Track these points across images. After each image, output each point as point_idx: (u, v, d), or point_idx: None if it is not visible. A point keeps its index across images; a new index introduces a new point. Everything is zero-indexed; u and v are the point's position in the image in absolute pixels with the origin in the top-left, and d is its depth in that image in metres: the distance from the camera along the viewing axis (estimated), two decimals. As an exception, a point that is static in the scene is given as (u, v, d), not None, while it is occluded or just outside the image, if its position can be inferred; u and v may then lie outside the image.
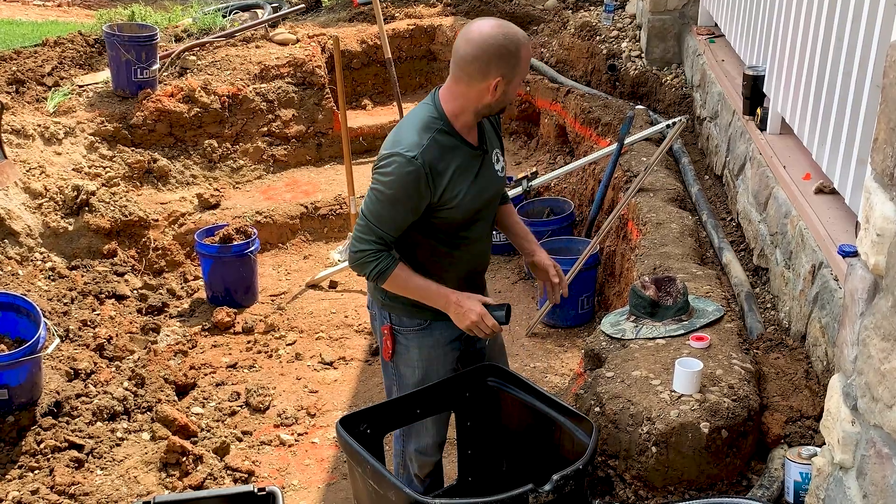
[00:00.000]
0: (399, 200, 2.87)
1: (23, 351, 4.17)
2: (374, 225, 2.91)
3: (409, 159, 2.82)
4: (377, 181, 2.91)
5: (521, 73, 2.87)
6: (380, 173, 2.89)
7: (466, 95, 2.90)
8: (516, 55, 2.83)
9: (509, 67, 2.83)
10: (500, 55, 2.81)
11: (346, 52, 8.18)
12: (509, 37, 2.82)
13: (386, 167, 2.87)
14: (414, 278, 2.98)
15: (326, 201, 6.93)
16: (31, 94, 6.69)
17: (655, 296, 3.76)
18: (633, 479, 3.15)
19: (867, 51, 3.38)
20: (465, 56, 2.83)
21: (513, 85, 2.88)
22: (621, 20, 7.98)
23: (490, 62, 2.81)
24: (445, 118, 2.92)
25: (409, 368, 3.25)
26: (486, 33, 2.81)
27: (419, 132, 2.88)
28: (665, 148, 5.39)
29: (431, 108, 2.94)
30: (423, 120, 2.92)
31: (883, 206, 1.93)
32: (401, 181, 2.84)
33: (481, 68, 2.82)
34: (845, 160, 3.56)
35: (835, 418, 2.21)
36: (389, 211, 2.89)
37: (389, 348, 3.23)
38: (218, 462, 4.31)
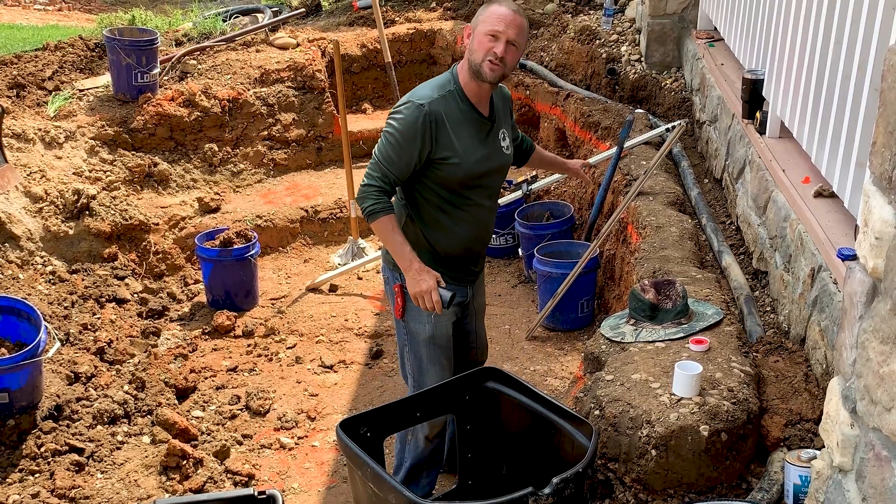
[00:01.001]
0: (404, 142, 3.23)
1: (23, 355, 4.18)
2: (382, 163, 3.27)
3: (417, 105, 3.22)
4: (388, 125, 3.27)
5: (483, 22, 3.23)
6: (391, 117, 3.28)
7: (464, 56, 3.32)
8: (484, 9, 3.26)
9: (476, 17, 3.29)
10: (479, 12, 3.31)
11: (346, 57, 8.19)
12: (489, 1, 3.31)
13: (396, 112, 3.27)
14: (395, 234, 3.30)
15: (327, 205, 6.94)
16: (32, 99, 6.70)
17: (655, 299, 3.76)
18: (633, 483, 3.15)
19: (866, 54, 3.38)
20: None
21: (476, 34, 3.24)
22: (621, 24, 7.99)
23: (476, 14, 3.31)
24: (459, 84, 3.32)
25: (419, 324, 3.47)
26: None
27: (433, 88, 3.30)
28: (664, 152, 5.39)
29: (448, 76, 3.36)
30: (440, 81, 3.34)
31: (881, 210, 1.93)
32: (407, 124, 3.21)
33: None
34: (844, 163, 3.56)
35: (834, 421, 2.22)
36: (395, 151, 3.24)
37: (400, 306, 3.48)
38: (218, 465, 4.31)
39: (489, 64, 3.22)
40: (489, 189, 3.49)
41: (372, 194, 3.28)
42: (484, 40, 3.22)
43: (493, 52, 3.20)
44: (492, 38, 3.21)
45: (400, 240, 3.30)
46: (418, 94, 3.29)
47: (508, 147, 3.52)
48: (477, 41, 3.24)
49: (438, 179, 3.33)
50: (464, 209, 3.42)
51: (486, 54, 3.21)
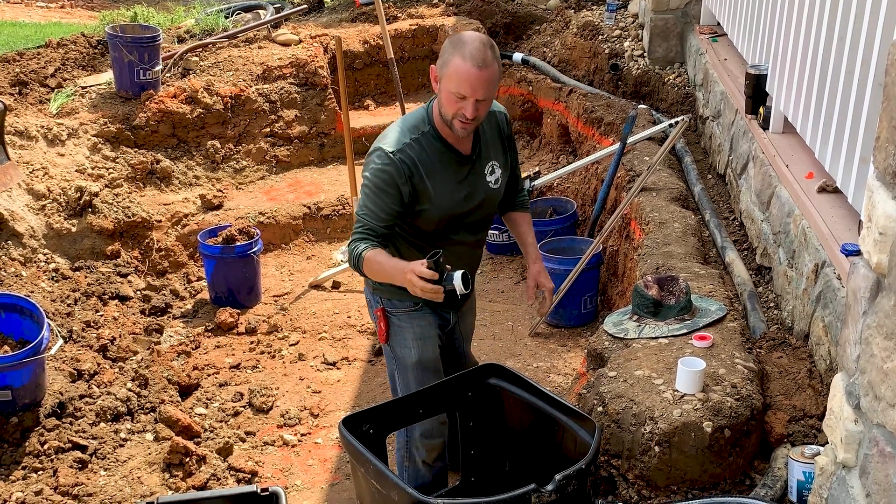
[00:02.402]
0: (379, 192, 3.07)
1: (26, 352, 4.18)
2: (362, 216, 3.11)
3: (387, 154, 3.05)
4: (363, 176, 3.13)
5: (448, 79, 2.95)
6: (364, 168, 3.13)
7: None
8: (448, 56, 2.97)
9: (441, 63, 3.01)
10: (443, 49, 3.04)
11: (348, 53, 8.18)
12: (455, 41, 2.98)
13: (368, 161, 3.12)
14: (380, 257, 3.04)
15: (329, 202, 6.94)
16: (34, 96, 6.70)
17: (658, 295, 3.76)
18: (636, 479, 3.14)
19: (869, 49, 3.37)
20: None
21: (442, 88, 2.99)
22: (624, 19, 7.98)
23: (440, 55, 3.04)
24: (433, 125, 3.13)
25: (405, 349, 3.37)
26: (453, 35, 3.08)
27: (405, 131, 3.11)
28: (668, 147, 5.38)
29: (422, 114, 3.16)
30: (413, 121, 3.15)
31: (885, 205, 1.92)
32: (379, 173, 3.06)
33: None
34: (848, 159, 3.55)
35: (838, 417, 2.21)
36: (372, 202, 3.08)
37: (384, 330, 3.39)
38: (221, 462, 4.31)
39: (459, 123, 3.02)
40: (473, 226, 3.32)
41: (352, 247, 3.10)
42: (451, 99, 2.98)
43: (463, 114, 2.98)
44: (459, 98, 2.96)
45: (389, 263, 3.04)
46: (389, 139, 3.09)
47: (497, 181, 3.29)
48: (444, 96, 3.00)
49: (415, 221, 3.19)
50: (444, 247, 3.15)
51: (454, 113, 3.00)
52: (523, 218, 3.60)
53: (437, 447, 3.48)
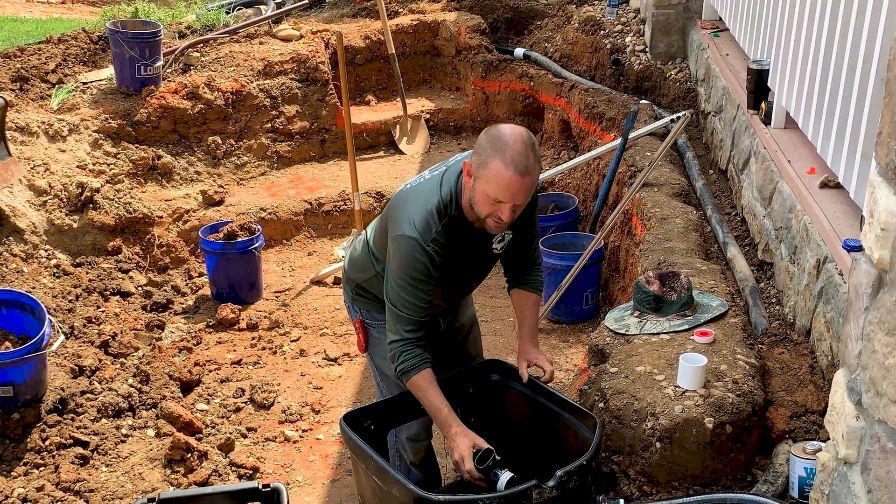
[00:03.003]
0: (416, 283, 2.91)
1: (27, 348, 4.18)
2: (401, 311, 2.96)
3: (421, 245, 2.86)
4: (393, 266, 2.94)
5: (487, 181, 2.74)
6: (395, 257, 2.93)
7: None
8: (487, 158, 2.74)
9: (478, 163, 2.78)
10: (480, 144, 2.80)
11: (349, 48, 8.17)
12: (496, 141, 2.75)
13: (399, 249, 2.91)
14: (429, 393, 2.97)
15: (330, 197, 6.93)
16: (35, 92, 6.70)
17: (660, 291, 3.75)
18: (638, 475, 3.14)
19: (872, 45, 3.36)
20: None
21: (478, 189, 2.78)
22: (625, 14, 7.96)
23: (475, 149, 2.82)
24: (461, 208, 2.93)
25: (383, 360, 3.30)
26: (492, 129, 2.83)
27: (433, 216, 2.89)
28: (669, 142, 5.37)
29: (448, 193, 2.92)
30: (437, 203, 2.91)
31: (887, 201, 1.92)
32: (415, 266, 2.88)
33: (473, 151, 2.85)
34: (850, 154, 3.54)
35: (839, 413, 2.21)
36: (411, 294, 2.93)
37: (363, 341, 3.34)
38: (223, 458, 4.32)
39: (493, 223, 2.85)
40: (469, 286, 3.29)
41: (403, 350, 2.97)
42: (486, 201, 2.79)
43: (498, 217, 2.81)
44: (495, 202, 2.78)
45: (436, 402, 2.96)
46: (418, 225, 2.87)
47: (503, 247, 3.13)
48: (478, 196, 2.80)
49: None
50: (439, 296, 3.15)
51: (489, 214, 2.82)
52: (530, 299, 3.30)
53: (422, 449, 3.46)
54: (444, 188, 2.93)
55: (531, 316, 3.28)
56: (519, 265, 3.28)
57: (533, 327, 3.26)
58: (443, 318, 3.36)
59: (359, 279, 3.29)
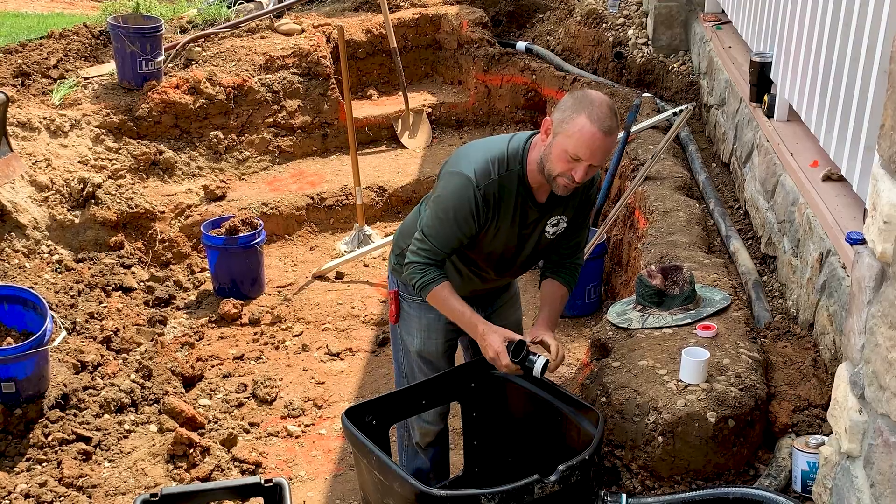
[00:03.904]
0: (455, 221, 2.93)
1: (30, 344, 4.18)
2: (430, 240, 2.98)
3: (473, 184, 2.87)
4: (439, 199, 2.95)
5: (569, 136, 2.75)
6: (441, 187, 2.95)
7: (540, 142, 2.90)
8: (573, 113, 2.76)
9: (562, 118, 2.79)
10: (564, 102, 2.83)
11: (350, 42, 8.16)
12: (583, 98, 2.78)
13: (449, 182, 2.93)
14: (452, 300, 3.01)
15: (332, 192, 6.93)
16: (37, 87, 6.69)
17: (662, 285, 3.74)
18: (640, 469, 3.14)
19: (875, 37, 3.35)
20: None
21: (557, 144, 2.78)
22: (627, 7, 7.94)
23: (558, 107, 2.84)
24: (525, 166, 2.93)
25: (409, 336, 3.36)
26: (577, 91, 2.87)
27: (494, 163, 2.90)
28: (672, 136, 5.36)
29: (517, 148, 2.94)
30: (504, 153, 2.93)
31: (890, 194, 1.91)
32: (460, 203, 2.89)
33: (556, 109, 2.86)
34: (853, 147, 3.53)
35: (842, 407, 2.20)
36: (446, 227, 2.95)
37: (395, 312, 3.37)
38: (225, 454, 4.32)
39: (564, 182, 2.83)
40: (505, 268, 3.20)
41: (419, 269, 3.00)
42: (564, 157, 2.77)
43: (571, 176, 2.80)
44: (573, 160, 2.77)
45: (458, 307, 3.00)
46: (477, 165, 2.88)
47: (556, 233, 3.11)
48: (555, 154, 2.79)
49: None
50: (474, 273, 3.18)
51: (562, 172, 2.81)
52: (561, 290, 3.27)
53: (430, 433, 3.48)
54: (512, 144, 2.95)
55: (555, 306, 3.27)
56: (561, 257, 3.27)
57: (554, 314, 3.27)
58: (479, 307, 3.21)
59: (403, 246, 3.23)
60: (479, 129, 8.13)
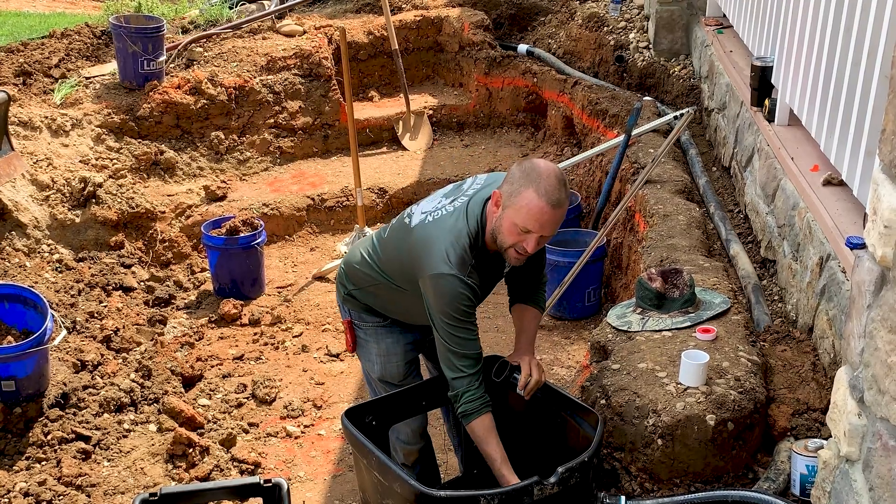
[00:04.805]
0: (468, 318, 2.92)
1: (30, 342, 4.19)
2: (455, 348, 2.93)
3: (463, 281, 2.85)
4: (436, 306, 2.91)
5: (517, 210, 2.77)
6: (437, 296, 2.90)
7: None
8: (520, 187, 2.78)
9: (510, 192, 2.80)
10: (512, 174, 2.83)
11: (352, 44, 8.17)
12: (530, 172, 2.79)
13: (441, 292, 2.88)
14: (489, 442, 2.95)
15: (333, 193, 6.93)
16: (38, 86, 6.70)
17: (662, 288, 3.75)
18: (639, 472, 3.14)
19: (876, 41, 3.35)
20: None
21: (506, 217, 2.81)
22: (629, 11, 7.95)
23: (507, 178, 2.85)
24: (483, 240, 2.94)
25: (368, 363, 3.35)
26: (525, 162, 2.86)
27: (465, 251, 2.88)
28: (672, 139, 5.37)
29: (475, 225, 2.92)
30: (465, 237, 2.90)
31: (891, 198, 1.91)
32: (464, 302, 2.88)
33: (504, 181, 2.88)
34: (853, 151, 3.53)
35: (841, 411, 2.20)
36: (467, 330, 2.93)
37: (350, 341, 3.34)
38: (224, 454, 4.32)
39: (515, 254, 2.87)
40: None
41: (466, 391, 2.95)
42: (513, 230, 2.81)
43: (523, 247, 2.84)
44: (523, 232, 2.80)
45: (493, 452, 2.95)
46: (453, 261, 2.86)
47: (508, 268, 3.16)
48: (506, 227, 2.82)
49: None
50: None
51: (513, 244, 2.84)
52: (532, 312, 3.30)
53: (413, 452, 3.46)
54: (471, 220, 2.93)
55: (531, 328, 3.28)
56: (526, 285, 3.29)
57: (532, 338, 3.26)
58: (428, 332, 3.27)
59: (353, 286, 3.26)
60: (479, 131, 8.14)
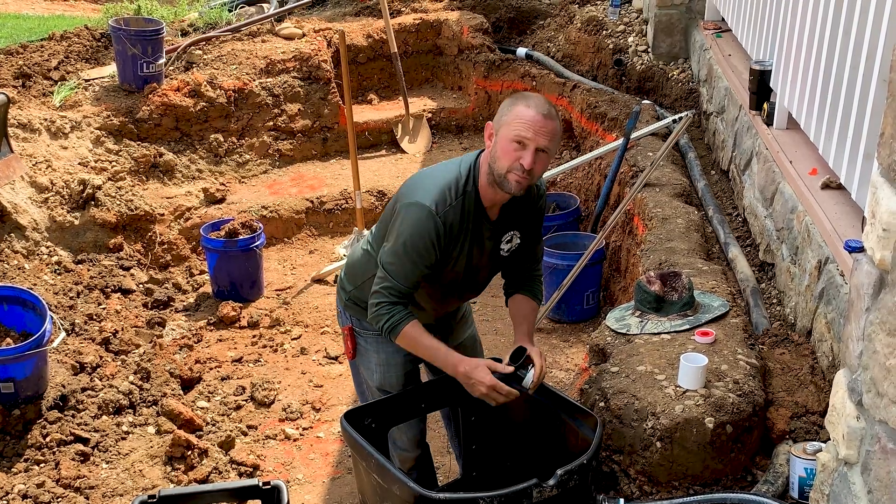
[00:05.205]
0: (417, 253, 2.85)
1: (28, 344, 4.19)
2: (392, 278, 2.89)
3: (432, 213, 2.81)
4: (397, 230, 2.88)
5: (508, 125, 2.79)
6: (402, 224, 2.86)
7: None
8: (509, 107, 2.83)
9: (500, 116, 2.85)
10: (502, 106, 2.88)
11: (351, 47, 8.17)
12: (517, 96, 2.87)
13: (407, 216, 2.85)
14: (423, 338, 2.92)
15: (332, 196, 6.93)
16: (38, 89, 6.70)
17: (661, 291, 3.75)
18: (638, 474, 3.14)
19: (874, 45, 3.36)
20: None
21: (500, 138, 2.81)
22: (628, 15, 7.96)
23: (497, 112, 2.88)
24: (476, 186, 2.90)
25: (368, 371, 3.29)
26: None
27: (448, 189, 2.86)
28: (671, 143, 5.37)
29: (467, 169, 2.92)
30: (455, 177, 2.90)
31: (889, 201, 1.92)
32: (421, 235, 2.82)
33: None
34: (852, 155, 3.54)
35: (840, 414, 2.21)
36: (409, 262, 2.86)
37: (351, 348, 3.28)
38: (223, 456, 4.32)
39: (515, 176, 2.79)
40: (468, 284, 3.11)
41: (384, 310, 2.90)
42: (509, 148, 2.77)
43: (520, 164, 2.76)
44: (518, 147, 2.76)
45: (432, 345, 2.92)
46: (431, 194, 2.84)
47: (510, 251, 3.08)
48: (501, 148, 2.79)
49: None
50: (438, 303, 3.12)
51: (511, 165, 2.77)
52: (530, 304, 3.21)
53: (409, 460, 3.42)
54: (463, 166, 2.93)
55: (530, 321, 3.20)
56: (521, 273, 3.23)
57: (531, 329, 3.20)
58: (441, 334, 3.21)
59: (353, 286, 3.21)
60: (479, 134, 8.15)
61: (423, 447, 3.45)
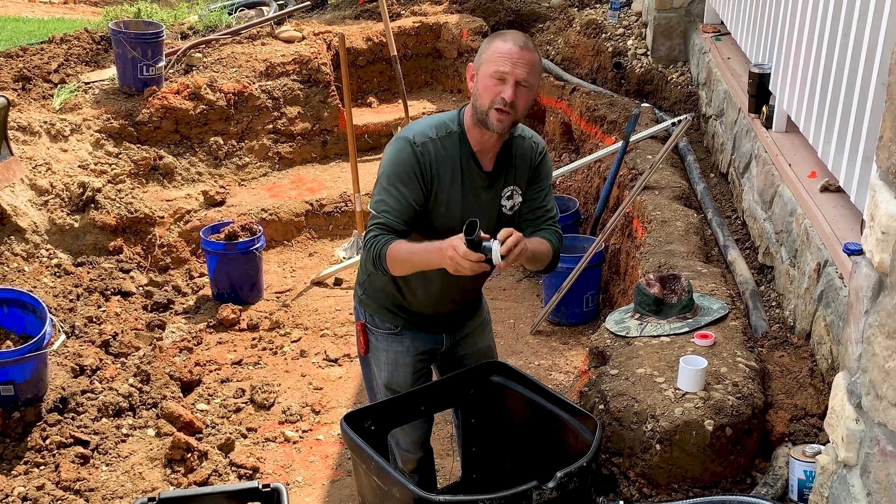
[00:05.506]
0: (398, 182, 2.83)
1: (28, 347, 4.19)
2: (377, 211, 2.88)
3: (409, 142, 2.84)
4: (381, 168, 2.92)
5: (487, 62, 2.79)
6: (384, 159, 2.91)
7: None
8: (487, 45, 2.84)
9: (479, 55, 2.86)
10: (481, 46, 2.89)
11: (351, 50, 8.19)
12: (494, 34, 2.91)
13: (387, 151, 2.90)
14: (405, 247, 2.81)
15: (332, 198, 6.94)
16: (38, 91, 6.71)
17: (660, 293, 3.76)
18: (638, 477, 3.14)
19: (873, 48, 3.37)
20: None
21: (480, 75, 2.81)
22: (627, 18, 7.97)
23: (480, 48, 2.90)
24: (462, 126, 2.91)
25: (377, 367, 3.29)
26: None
27: (431, 127, 2.90)
28: (670, 146, 5.38)
29: (453, 115, 2.96)
30: (441, 120, 2.94)
31: (888, 204, 1.92)
32: (399, 162, 2.84)
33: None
34: (851, 158, 3.55)
35: (839, 416, 2.21)
36: (390, 193, 2.85)
37: (363, 343, 3.28)
38: (223, 458, 4.32)
39: (496, 113, 2.77)
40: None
41: (370, 246, 2.85)
42: (489, 83, 2.76)
43: (501, 98, 2.74)
44: (498, 81, 2.75)
45: (415, 248, 2.80)
46: (413, 129, 2.88)
47: (513, 208, 3.01)
48: (481, 84, 2.79)
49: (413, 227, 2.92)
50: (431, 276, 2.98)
51: (492, 100, 2.76)
52: (540, 240, 3.02)
53: (412, 461, 3.42)
54: (447, 113, 2.99)
55: (534, 242, 2.95)
56: (536, 227, 3.06)
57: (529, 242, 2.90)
58: (447, 334, 3.23)
59: (363, 280, 3.22)
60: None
61: (427, 449, 3.46)
